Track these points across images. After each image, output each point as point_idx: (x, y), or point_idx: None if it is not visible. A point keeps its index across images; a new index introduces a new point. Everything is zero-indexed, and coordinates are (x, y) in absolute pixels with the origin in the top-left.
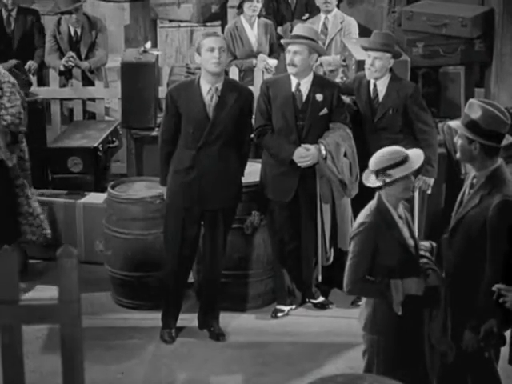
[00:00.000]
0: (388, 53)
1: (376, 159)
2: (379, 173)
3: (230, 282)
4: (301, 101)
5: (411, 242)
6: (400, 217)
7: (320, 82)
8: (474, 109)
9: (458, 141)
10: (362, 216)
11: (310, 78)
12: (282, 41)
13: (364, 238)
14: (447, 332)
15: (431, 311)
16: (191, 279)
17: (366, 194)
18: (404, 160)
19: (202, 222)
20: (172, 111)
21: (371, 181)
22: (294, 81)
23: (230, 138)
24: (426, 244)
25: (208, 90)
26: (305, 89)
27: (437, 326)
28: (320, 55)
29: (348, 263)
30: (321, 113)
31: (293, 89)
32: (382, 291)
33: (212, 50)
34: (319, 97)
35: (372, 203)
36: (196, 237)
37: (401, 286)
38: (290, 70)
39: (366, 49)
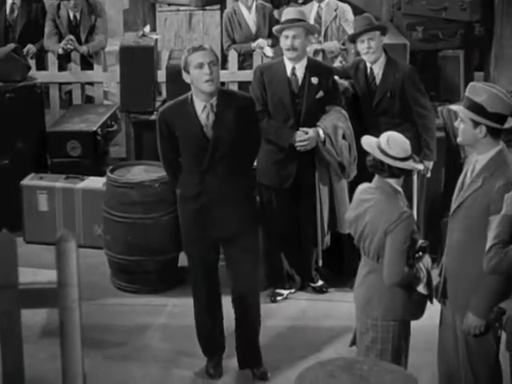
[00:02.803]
0: (377, 30)
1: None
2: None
3: None
4: (297, 85)
5: None
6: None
7: (314, 66)
8: (477, 92)
9: (460, 125)
10: (395, 206)
11: (305, 61)
12: (277, 28)
13: (408, 227)
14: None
15: None
16: None
17: (364, 176)
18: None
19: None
20: (167, 136)
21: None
22: (288, 65)
23: (237, 153)
24: None
25: (203, 107)
26: (300, 73)
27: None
28: (313, 34)
29: (392, 254)
30: (317, 96)
31: (288, 73)
32: (414, 275)
33: (201, 66)
34: (315, 80)
35: (388, 187)
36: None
37: (423, 265)
38: (291, 54)
39: (355, 37)
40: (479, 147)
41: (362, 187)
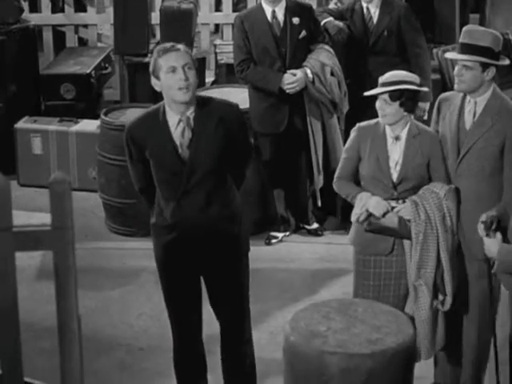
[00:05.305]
0: None
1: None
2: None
3: None
4: (279, 28)
5: (392, 165)
6: (397, 138)
7: (294, 6)
8: (479, 36)
9: (466, 74)
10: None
11: (284, 3)
12: None
13: (350, 141)
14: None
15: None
16: None
17: (359, 113)
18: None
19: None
20: (136, 157)
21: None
22: (268, 9)
23: (220, 174)
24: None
25: (177, 122)
26: (280, 15)
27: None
28: None
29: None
30: (300, 36)
31: (269, 17)
32: (350, 197)
33: (174, 70)
34: (296, 20)
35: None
36: (198, 296)
37: (364, 199)
38: None
39: None
40: (481, 89)
41: None
